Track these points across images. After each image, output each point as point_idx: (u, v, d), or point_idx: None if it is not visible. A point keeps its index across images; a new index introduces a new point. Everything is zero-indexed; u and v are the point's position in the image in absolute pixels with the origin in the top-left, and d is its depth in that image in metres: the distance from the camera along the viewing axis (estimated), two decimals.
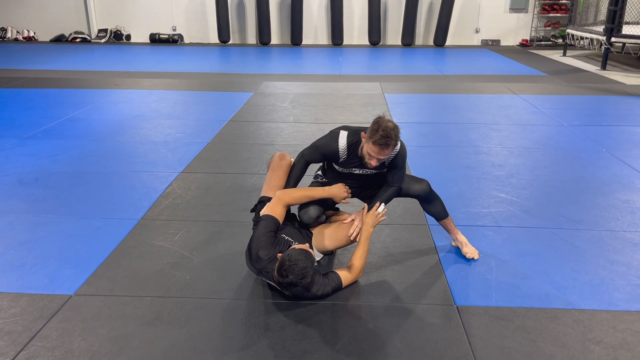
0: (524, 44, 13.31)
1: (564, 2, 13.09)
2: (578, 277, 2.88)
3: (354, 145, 2.80)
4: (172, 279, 2.84)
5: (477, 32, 13.56)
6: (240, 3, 13.40)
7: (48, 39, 13.80)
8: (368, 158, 2.69)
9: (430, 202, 3.03)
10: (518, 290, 2.75)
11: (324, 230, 2.95)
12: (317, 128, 5.71)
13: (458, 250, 3.13)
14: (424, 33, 13.60)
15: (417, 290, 2.75)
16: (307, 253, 2.51)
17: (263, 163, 4.51)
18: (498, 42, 13.59)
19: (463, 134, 5.51)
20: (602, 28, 9.89)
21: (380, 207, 2.81)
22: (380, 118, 2.67)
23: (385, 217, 2.89)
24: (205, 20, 13.56)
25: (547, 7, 13.24)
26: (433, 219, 3.18)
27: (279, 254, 2.55)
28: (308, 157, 2.96)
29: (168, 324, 2.47)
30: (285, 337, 2.39)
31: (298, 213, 2.97)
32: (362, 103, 6.88)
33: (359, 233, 2.81)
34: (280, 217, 2.78)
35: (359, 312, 2.59)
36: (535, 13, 13.28)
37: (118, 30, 13.62)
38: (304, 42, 13.49)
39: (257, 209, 2.94)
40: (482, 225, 3.47)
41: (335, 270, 2.74)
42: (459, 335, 2.40)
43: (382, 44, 13.50)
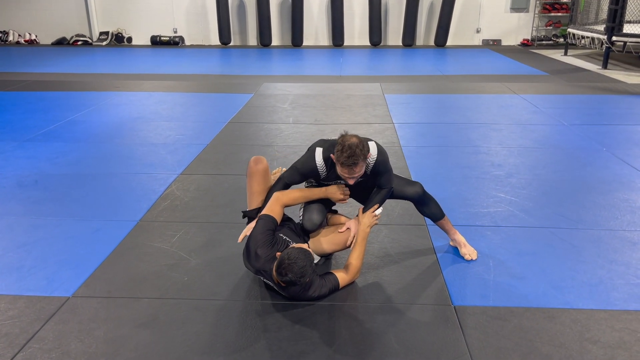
0: (525, 44, 13.29)
1: (565, 1, 13.07)
2: (576, 276, 2.87)
3: (331, 160, 2.73)
4: (169, 281, 2.84)
5: (478, 32, 13.55)
6: (241, 5, 13.42)
7: (50, 42, 13.85)
8: (345, 179, 2.66)
9: (425, 204, 3.02)
10: (516, 290, 2.74)
11: (322, 233, 2.94)
12: (316, 129, 5.72)
13: (456, 250, 3.12)
14: (425, 33, 13.59)
15: (414, 291, 2.75)
16: (306, 252, 2.51)
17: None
18: (499, 41, 13.57)
19: (463, 134, 5.51)
20: (603, 27, 9.87)
21: (378, 210, 2.80)
22: (343, 136, 2.60)
23: (380, 217, 2.88)
24: (206, 22, 13.59)
25: (548, 6, 13.22)
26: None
27: (278, 253, 2.55)
28: (288, 179, 2.86)
29: (165, 326, 2.47)
30: (282, 337, 2.39)
31: (301, 220, 2.94)
32: (362, 104, 6.88)
33: (356, 237, 2.80)
34: (278, 217, 2.78)
35: (356, 312, 2.58)
36: (536, 12, 13.27)
37: (119, 33, 13.65)
38: (305, 43, 13.50)
39: (248, 220, 2.94)
40: (480, 225, 3.47)
41: (333, 271, 2.74)
42: (456, 335, 2.39)
43: (383, 45, 13.50)
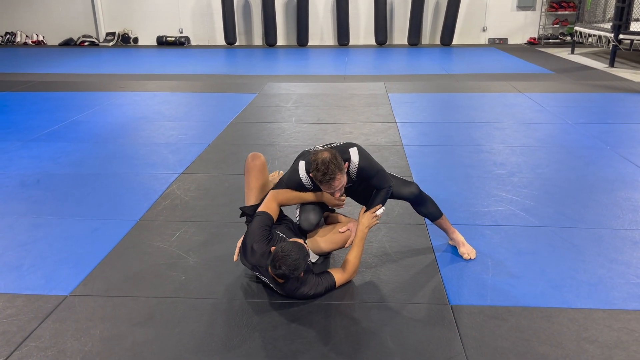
0: (532, 42, 13.21)
1: None
2: (576, 275, 2.84)
3: None
4: (167, 280, 2.85)
5: (484, 30, 13.49)
6: (246, 5, 13.44)
7: (57, 43, 13.94)
8: (331, 194, 2.69)
9: (422, 204, 3.01)
10: (514, 290, 2.72)
11: (320, 233, 2.94)
12: (319, 128, 5.71)
13: (455, 250, 3.10)
14: (431, 32, 13.55)
15: (411, 290, 2.74)
16: (300, 246, 2.51)
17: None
18: (505, 40, 13.50)
19: (465, 133, 5.48)
20: (610, 25, 9.79)
21: (379, 210, 2.78)
22: (315, 154, 2.62)
23: (381, 217, 2.86)
24: (212, 23, 13.62)
25: (555, 4, 13.14)
26: None
27: (273, 248, 2.56)
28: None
29: (161, 325, 2.48)
30: (277, 336, 2.39)
31: (298, 220, 2.94)
32: (365, 103, 6.86)
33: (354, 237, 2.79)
34: (275, 214, 2.79)
35: (352, 311, 2.58)
36: (543, 11, 13.18)
37: (126, 34, 13.72)
38: (310, 43, 13.49)
39: (246, 219, 2.95)
40: (480, 225, 3.45)
41: (329, 270, 2.73)
42: (452, 335, 2.38)
43: (388, 44, 13.47)
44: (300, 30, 13.09)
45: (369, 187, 2.86)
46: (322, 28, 13.59)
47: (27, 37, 13.98)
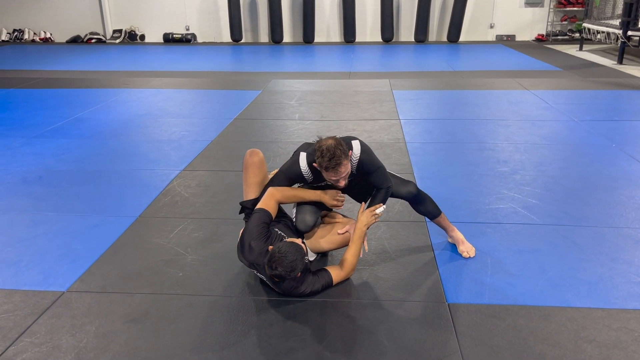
0: (540, 39, 13.11)
1: None
2: (576, 274, 2.81)
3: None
4: (164, 277, 2.84)
5: (491, 27, 13.40)
6: (253, 2, 13.43)
7: (64, 40, 14.01)
8: (333, 182, 2.64)
9: (420, 202, 2.98)
10: (512, 288, 2.69)
11: (319, 231, 2.92)
12: (322, 125, 5.69)
13: (454, 248, 3.08)
14: (438, 29, 13.48)
15: (409, 288, 2.71)
16: (297, 246, 2.49)
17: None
18: (513, 37, 13.41)
19: (469, 130, 5.44)
20: (618, 22, 9.69)
21: (380, 209, 2.75)
22: (320, 141, 2.59)
23: (380, 217, 2.84)
24: (218, 20, 13.63)
25: (563, 0, 13.02)
26: None
27: (270, 247, 2.54)
28: (277, 183, 2.84)
29: (156, 321, 2.47)
30: (272, 334, 2.38)
31: (295, 221, 2.92)
32: (369, 100, 6.83)
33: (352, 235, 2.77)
34: (273, 211, 2.77)
35: (348, 309, 2.56)
36: (552, 7, 13.07)
37: (132, 31, 13.76)
38: (316, 40, 13.47)
39: (245, 214, 2.94)
40: (481, 222, 3.41)
41: (327, 268, 2.71)
42: (448, 333, 2.35)
43: (395, 41, 13.41)
44: (307, 27, 13.07)
45: (368, 184, 2.83)
46: (328, 25, 13.55)
47: (34, 34, 14.06)
